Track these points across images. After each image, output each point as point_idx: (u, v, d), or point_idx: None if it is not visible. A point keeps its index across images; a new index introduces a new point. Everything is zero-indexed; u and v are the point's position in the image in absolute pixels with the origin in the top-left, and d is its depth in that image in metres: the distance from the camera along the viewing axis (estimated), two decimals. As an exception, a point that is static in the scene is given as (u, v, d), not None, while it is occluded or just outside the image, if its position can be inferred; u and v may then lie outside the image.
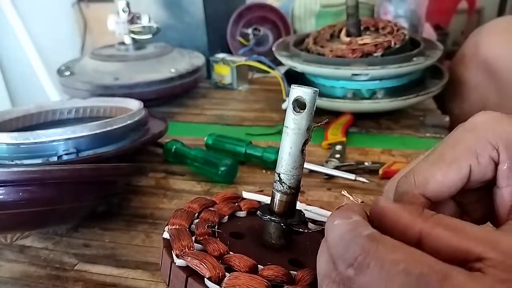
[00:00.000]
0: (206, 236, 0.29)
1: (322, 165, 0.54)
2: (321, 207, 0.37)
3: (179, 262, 0.27)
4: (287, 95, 0.75)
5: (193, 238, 0.29)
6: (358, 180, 0.50)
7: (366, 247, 0.19)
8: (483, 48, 0.66)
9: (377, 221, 0.22)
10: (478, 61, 0.68)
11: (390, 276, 0.18)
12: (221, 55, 0.90)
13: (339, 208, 0.22)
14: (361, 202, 0.25)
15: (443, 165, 0.24)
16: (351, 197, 0.26)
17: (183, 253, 0.27)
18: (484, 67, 0.68)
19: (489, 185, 0.24)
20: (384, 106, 0.66)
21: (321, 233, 0.33)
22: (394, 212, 0.22)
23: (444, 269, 0.17)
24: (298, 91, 0.26)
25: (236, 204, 0.36)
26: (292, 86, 0.26)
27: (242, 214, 0.35)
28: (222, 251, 0.27)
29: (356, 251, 0.19)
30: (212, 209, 0.34)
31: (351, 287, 0.19)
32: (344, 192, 0.26)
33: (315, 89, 0.26)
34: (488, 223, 0.26)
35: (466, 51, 0.71)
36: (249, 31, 1.03)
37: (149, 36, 0.85)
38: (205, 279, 0.25)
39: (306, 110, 0.26)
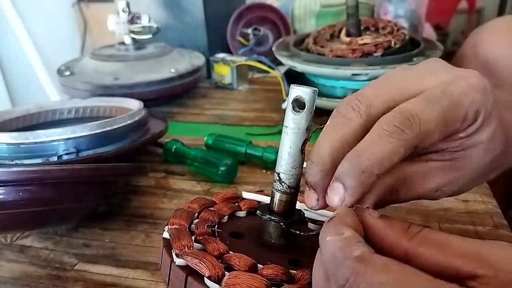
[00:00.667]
0: (206, 236, 0.29)
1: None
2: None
3: (178, 261, 0.27)
4: (287, 95, 0.75)
5: (193, 237, 0.29)
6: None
7: (355, 269, 0.19)
8: (483, 48, 0.66)
9: (367, 234, 0.22)
10: (477, 61, 0.68)
11: None
12: (221, 55, 0.90)
13: (332, 220, 0.22)
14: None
15: (444, 126, 0.24)
16: None
17: (183, 252, 0.27)
18: (483, 67, 0.68)
19: None
20: (384, 106, 0.66)
21: (319, 233, 0.33)
22: (380, 230, 0.22)
23: None
24: (298, 91, 0.26)
25: (236, 204, 0.36)
26: (292, 85, 0.26)
27: (242, 214, 0.35)
28: (221, 250, 0.27)
29: (346, 273, 0.19)
30: (212, 209, 0.34)
31: None
32: None
33: (315, 88, 0.26)
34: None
35: (466, 51, 0.71)
36: (249, 31, 1.03)
37: (149, 36, 0.85)
38: (205, 278, 0.25)
39: (305, 109, 0.26)
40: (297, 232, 0.29)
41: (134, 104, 0.63)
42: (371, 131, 0.23)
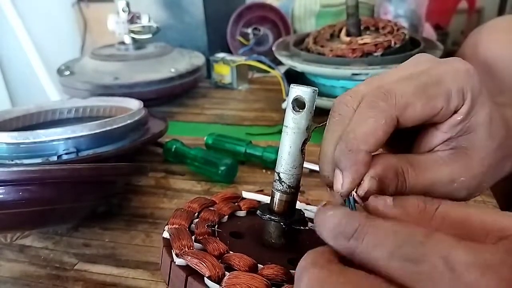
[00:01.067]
0: (206, 236, 0.29)
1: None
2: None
3: (179, 261, 0.27)
4: (287, 94, 0.75)
5: (193, 237, 0.29)
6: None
7: (364, 222, 0.20)
8: (483, 48, 0.66)
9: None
10: (477, 60, 0.68)
11: (383, 236, 0.19)
12: (221, 55, 0.90)
13: (325, 205, 0.23)
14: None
15: (425, 99, 0.24)
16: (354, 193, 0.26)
17: (183, 252, 0.27)
18: (483, 67, 0.68)
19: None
20: (384, 106, 0.66)
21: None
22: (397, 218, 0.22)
23: (431, 229, 0.18)
24: (298, 91, 0.26)
25: (236, 203, 0.36)
26: (292, 85, 0.26)
27: (242, 213, 0.35)
28: (222, 250, 0.27)
29: (354, 224, 0.20)
30: (212, 208, 0.34)
31: (352, 256, 0.20)
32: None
33: (315, 88, 0.26)
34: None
35: (466, 51, 0.71)
36: (249, 31, 1.03)
37: (149, 36, 0.85)
38: (205, 278, 0.25)
39: (305, 109, 0.26)
40: (298, 227, 0.29)
41: (134, 104, 0.63)
42: (355, 113, 0.25)
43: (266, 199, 0.36)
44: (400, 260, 0.18)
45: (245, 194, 0.37)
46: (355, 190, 0.24)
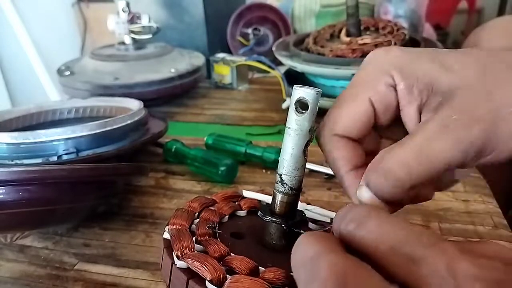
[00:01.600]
0: (207, 237, 0.29)
1: (322, 165, 0.54)
2: (322, 207, 0.37)
3: (180, 263, 0.27)
4: (287, 95, 0.75)
5: (194, 238, 0.29)
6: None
7: (367, 210, 0.20)
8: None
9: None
10: None
11: (386, 228, 0.18)
12: (221, 55, 0.90)
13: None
14: None
15: (346, 102, 0.26)
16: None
17: (184, 254, 0.27)
18: None
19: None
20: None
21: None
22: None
23: (436, 238, 0.18)
24: (301, 92, 0.26)
25: (237, 203, 0.36)
26: (295, 86, 0.26)
27: (242, 213, 0.35)
28: (223, 252, 0.27)
29: (357, 211, 0.20)
30: (213, 208, 0.34)
31: (352, 241, 0.19)
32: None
33: (318, 89, 0.26)
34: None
35: None
36: (249, 31, 1.03)
37: (149, 36, 0.85)
38: (206, 281, 0.25)
39: (308, 111, 0.26)
40: (299, 230, 0.29)
41: (134, 104, 0.63)
42: None
43: (266, 198, 0.36)
44: (401, 256, 0.17)
45: (246, 193, 0.37)
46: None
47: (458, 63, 0.24)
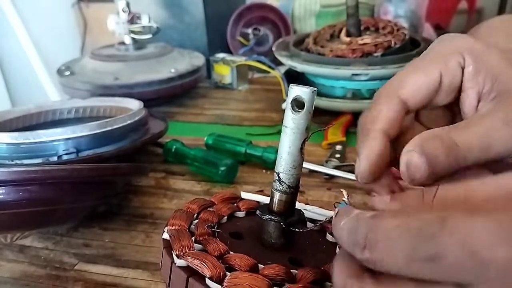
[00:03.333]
0: (206, 236, 0.29)
1: (322, 165, 0.54)
2: (321, 207, 0.37)
3: (179, 262, 0.27)
4: (287, 95, 0.75)
5: (193, 238, 0.29)
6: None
7: (370, 224, 0.19)
8: None
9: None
10: None
11: (395, 241, 0.18)
12: (221, 55, 0.90)
13: (339, 212, 0.22)
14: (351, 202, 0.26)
15: (417, 69, 0.27)
16: (346, 197, 0.26)
17: (184, 253, 0.27)
18: None
19: (454, 105, 0.27)
20: (384, 106, 0.66)
21: (320, 232, 0.33)
22: None
23: (440, 214, 0.18)
24: (297, 91, 0.26)
25: (235, 204, 0.36)
26: (291, 85, 0.26)
27: (241, 214, 0.35)
28: (222, 251, 0.27)
29: (364, 231, 0.19)
30: (211, 209, 0.34)
31: (375, 268, 0.19)
32: (344, 192, 0.27)
33: (314, 88, 0.26)
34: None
35: None
36: (249, 31, 1.03)
37: (149, 36, 0.85)
38: (206, 279, 0.25)
39: (304, 109, 0.26)
40: (297, 229, 0.29)
41: (134, 104, 0.63)
42: None
43: (264, 199, 0.36)
44: (419, 262, 0.17)
45: (244, 195, 0.37)
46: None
47: None
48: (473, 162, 0.23)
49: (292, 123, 0.26)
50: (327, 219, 0.28)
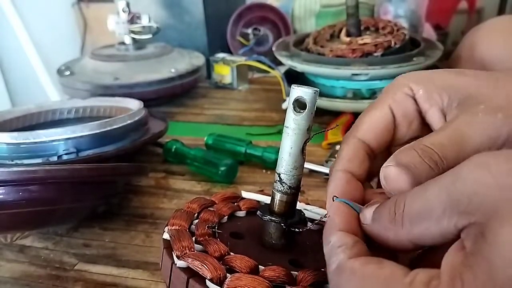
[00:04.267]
0: (207, 237, 0.29)
1: (322, 165, 0.54)
2: (321, 207, 0.37)
3: (179, 263, 0.27)
4: (287, 95, 0.75)
5: (193, 238, 0.29)
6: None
7: (335, 281, 0.21)
8: (480, 49, 0.66)
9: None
10: (474, 62, 0.67)
11: None
12: (221, 55, 0.90)
13: (324, 227, 0.23)
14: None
15: (369, 109, 0.29)
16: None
17: (184, 254, 0.27)
18: (481, 68, 0.67)
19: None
20: (384, 106, 0.66)
21: (320, 233, 0.33)
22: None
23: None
24: (299, 91, 0.26)
25: (236, 204, 0.36)
26: (293, 86, 0.26)
27: (241, 214, 0.35)
28: (222, 251, 0.27)
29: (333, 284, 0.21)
30: (212, 209, 0.34)
31: None
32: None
33: (316, 89, 0.26)
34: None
35: (462, 52, 0.71)
36: (249, 31, 1.03)
37: (149, 36, 0.85)
38: (207, 280, 0.25)
39: (306, 110, 0.26)
40: (298, 229, 0.29)
41: (134, 104, 0.63)
42: None
43: (265, 199, 0.36)
44: None
45: (245, 194, 0.37)
46: None
47: (471, 71, 0.27)
48: (453, 159, 0.23)
49: (294, 123, 0.26)
50: (322, 217, 0.28)
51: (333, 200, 0.25)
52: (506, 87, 0.25)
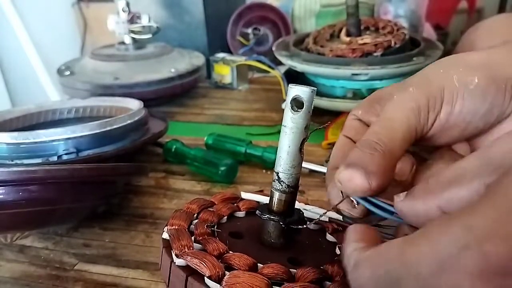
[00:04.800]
0: (206, 236, 0.29)
1: (322, 165, 0.54)
2: (321, 207, 0.37)
3: (178, 261, 0.27)
4: (287, 94, 0.75)
5: (193, 238, 0.29)
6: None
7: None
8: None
9: None
10: None
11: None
12: (221, 55, 0.90)
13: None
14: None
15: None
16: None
17: (183, 252, 0.27)
18: None
19: None
20: (384, 106, 0.66)
21: (319, 232, 0.33)
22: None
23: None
24: (296, 90, 0.26)
25: (235, 204, 0.36)
26: (290, 85, 0.26)
27: (241, 214, 0.35)
28: (221, 250, 0.27)
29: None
30: (211, 209, 0.34)
31: None
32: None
33: (313, 88, 0.26)
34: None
35: (462, 51, 0.71)
36: (249, 30, 1.03)
37: (149, 36, 0.85)
38: (205, 278, 0.25)
39: (304, 109, 0.26)
40: (297, 227, 0.29)
41: (134, 104, 0.63)
42: None
43: (264, 199, 0.36)
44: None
45: (244, 195, 0.37)
46: None
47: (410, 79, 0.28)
48: (389, 139, 0.24)
49: (291, 122, 0.27)
50: (321, 216, 0.29)
51: (356, 204, 0.25)
52: (425, 70, 0.28)
